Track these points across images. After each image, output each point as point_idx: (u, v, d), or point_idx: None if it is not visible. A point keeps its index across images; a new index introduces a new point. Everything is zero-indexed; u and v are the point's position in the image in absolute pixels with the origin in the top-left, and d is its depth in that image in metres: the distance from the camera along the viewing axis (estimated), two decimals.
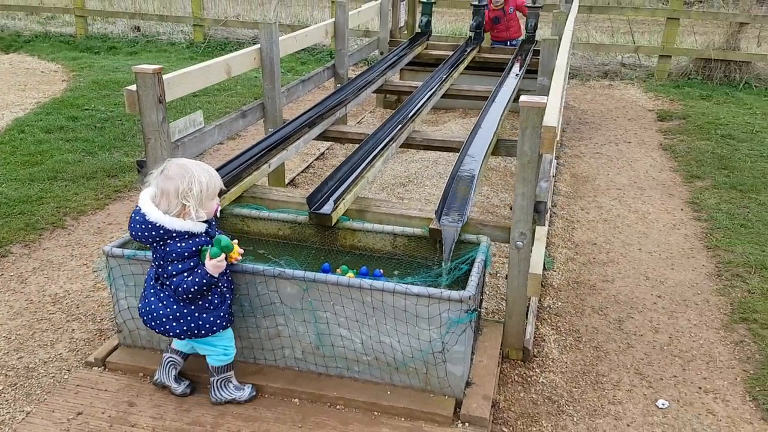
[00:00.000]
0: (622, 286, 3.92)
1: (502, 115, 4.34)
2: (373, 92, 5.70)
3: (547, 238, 4.28)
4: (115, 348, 2.95)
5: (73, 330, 3.29)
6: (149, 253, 2.78)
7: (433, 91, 4.87)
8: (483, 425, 2.59)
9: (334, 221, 3.04)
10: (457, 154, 3.73)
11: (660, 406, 2.94)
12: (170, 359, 2.70)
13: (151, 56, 9.69)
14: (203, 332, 2.53)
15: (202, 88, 3.84)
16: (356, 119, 6.85)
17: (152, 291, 2.55)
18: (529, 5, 6.88)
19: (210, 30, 10.55)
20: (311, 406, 2.69)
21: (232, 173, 3.48)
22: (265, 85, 4.54)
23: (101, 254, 3.98)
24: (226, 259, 2.48)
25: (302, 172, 5.37)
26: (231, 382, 2.67)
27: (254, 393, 2.71)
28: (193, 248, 2.44)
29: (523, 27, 7.06)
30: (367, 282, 2.57)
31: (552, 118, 2.88)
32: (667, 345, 3.38)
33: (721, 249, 4.37)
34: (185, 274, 2.44)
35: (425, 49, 6.76)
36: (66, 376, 2.92)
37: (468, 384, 2.72)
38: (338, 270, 2.97)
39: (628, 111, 7.83)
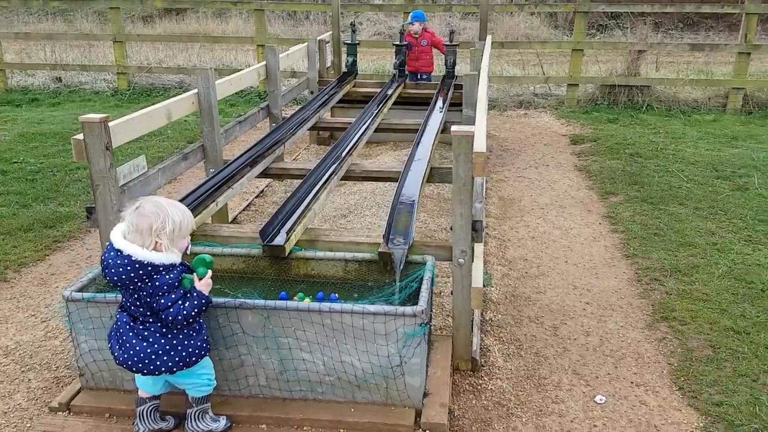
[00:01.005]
0: (554, 296, 4.23)
1: (433, 146, 4.63)
2: (308, 130, 5.92)
3: (483, 256, 4.57)
4: (78, 392, 2.98)
5: (30, 380, 3.28)
6: (109, 295, 2.87)
7: (366, 125, 5.14)
8: (442, 431, 2.79)
9: (287, 252, 3.20)
10: (395, 184, 3.98)
11: (598, 401, 3.22)
12: (150, 406, 2.74)
13: (75, 106, 9.58)
14: (194, 359, 2.61)
15: (145, 133, 3.95)
16: (291, 156, 7.03)
17: (131, 334, 2.57)
18: (446, 43, 7.30)
19: (134, 77, 10.53)
20: (278, 430, 2.80)
21: None
22: (204, 128, 4.68)
23: (50, 304, 4.00)
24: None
25: (244, 210, 5.49)
26: (208, 413, 2.75)
27: (230, 424, 2.79)
28: (179, 277, 2.54)
29: (443, 63, 7.45)
30: (326, 305, 2.75)
31: (481, 144, 3.17)
32: (598, 346, 3.68)
33: (638, 257, 4.77)
34: (179, 302, 2.52)
35: (353, 87, 7.06)
36: (29, 425, 2.93)
37: (425, 394, 2.92)
38: (295, 297, 3.12)
39: (544, 137, 8.34)
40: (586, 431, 3.01)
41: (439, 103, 6.07)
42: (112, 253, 2.51)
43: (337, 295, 3.11)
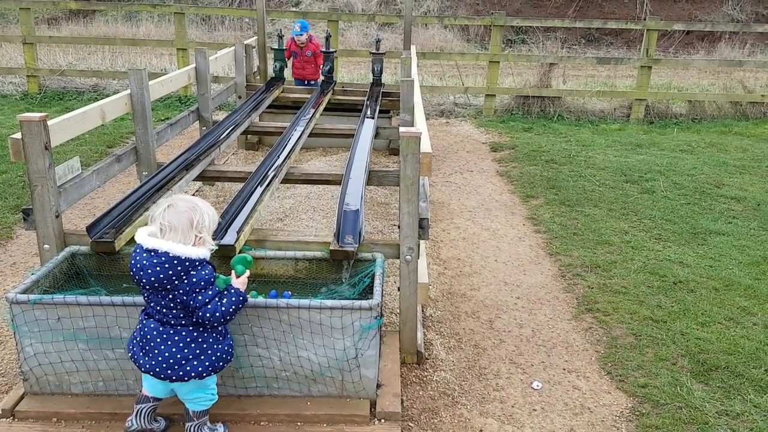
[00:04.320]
0: (487, 293, 4.44)
1: (369, 149, 4.76)
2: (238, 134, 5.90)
3: None
4: (22, 397, 2.89)
5: None
6: (57, 296, 2.80)
7: (302, 129, 5.20)
8: (396, 419, 2.90)
9: (237, 251, 3.21)
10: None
11: (535, 387, 3.43)
12: (151, 407, 2.70)
13: None
14: (221, 364, 2.60)
15: (81, 133, 3.86)
16: (220, 161, 6.96)
17: (159, 340, 2.52)
18: (373, 51, 7.47)
19: (46, 80, 10.07)
20: (236, 427, 2.82)
21: (122, 215, 3.53)
22: (137, 130, 4.60)
23: None
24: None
25: None
26: (206, 424, 2.72)
27: (228, 430, 2.77)
28: (213, 273, 2.54)
29: (370, 72, 7.62)
30: (283, 301, 2.80)
31: (426, 144, 3.32)
32: (531, 337, 3.91)
33: (560, 255, 5.07)
34: (217, 299, 2.51)
35: (282, 92, 7.08)
36: None
37: (378, 385, 3.02)
38: (248, 296, 3.14)
39: (466, 144, 8.65)
40: (527, 415, 3.20)
41: (369, 109, 6.21)
42: (144, 255, 2.45)
43: (290, 293, 3.16)
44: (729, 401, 3.29)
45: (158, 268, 2.43)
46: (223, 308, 2.52)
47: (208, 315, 2.49)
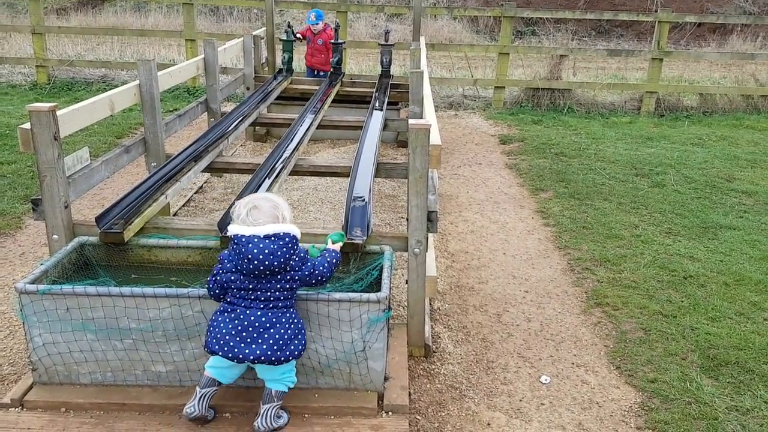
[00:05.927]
0: (495, 286, 4.42)
1: (377, 142, 4.74)
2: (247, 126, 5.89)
3: None
4: (30, 387, 2.89)
5: None
6: (66, 287, 2.81)
7: (310, 121, 5.18)
8: (404, 412, 2.89)
9: None
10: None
11: (543, 381, 3.42)
12: (214, 391, 2.74)
13: None
14: (306, 342, 2.75)
15: (90, 123, 3.86)
16: (229, 153, 6.96)
17: (269, 325, 2.63)
18: (382, 43, 7.43)
19: (55, 71, 10.09)
20: (243, 418, 2.82)
21: (131, 206, 3.53)
22: (146, 121, 4.60)
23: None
24: None
25: (183, 206, 5.40)
26: (279, 409, 2.76)
27: (289, 416, 2.81)
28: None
29: (379, 63, 7.59)
30: None
31: (435, 137, 3.30)
32: (540, 331, 3.89)
33: (570, 248, 5.04)
34: (317, 261, 2.78)
35: (290, 84, 7.06)
36: None
37: (386, 378, 3.01)
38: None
39: (474, 137, 8.61)
40: (535, 409, 3.19)
41: (378, 101, 6.18)
42: (266, 242, 2.60)
43: None
44: (739, 397, 3.27)
45: (285, 249, 2.63)
46: (329, 259, 2.81)
47: (324, 269, 2.76)
